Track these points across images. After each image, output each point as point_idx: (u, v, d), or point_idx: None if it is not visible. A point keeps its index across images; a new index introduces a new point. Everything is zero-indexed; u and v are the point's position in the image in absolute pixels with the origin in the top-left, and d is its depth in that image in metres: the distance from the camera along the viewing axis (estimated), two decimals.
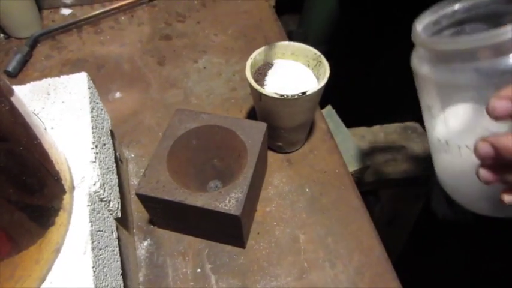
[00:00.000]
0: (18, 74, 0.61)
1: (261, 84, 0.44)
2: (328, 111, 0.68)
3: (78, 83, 0.38)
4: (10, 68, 0.59)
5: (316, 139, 0.52)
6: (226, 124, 0.41)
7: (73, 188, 0.31)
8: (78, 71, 0.61)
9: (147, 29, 0.68)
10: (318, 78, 0.45)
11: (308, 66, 0.46)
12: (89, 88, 0.38)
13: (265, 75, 0.46)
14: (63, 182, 0.30)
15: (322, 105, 0.66)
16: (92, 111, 0.37)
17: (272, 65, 0.46)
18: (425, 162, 0.69)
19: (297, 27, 1.26)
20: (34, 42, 0.64)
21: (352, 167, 0.59)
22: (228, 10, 0.71)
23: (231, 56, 0.63)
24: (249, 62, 0.43)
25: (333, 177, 0.48)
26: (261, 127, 0.41)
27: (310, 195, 0.47)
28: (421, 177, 0.69)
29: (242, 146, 0.40)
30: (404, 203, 0.71)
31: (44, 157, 0.29)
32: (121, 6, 0.70)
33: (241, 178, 0.37)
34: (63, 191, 0.30)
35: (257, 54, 0.45)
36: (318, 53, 0.44)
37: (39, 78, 0.60)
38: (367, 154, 0.64)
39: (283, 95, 0.40)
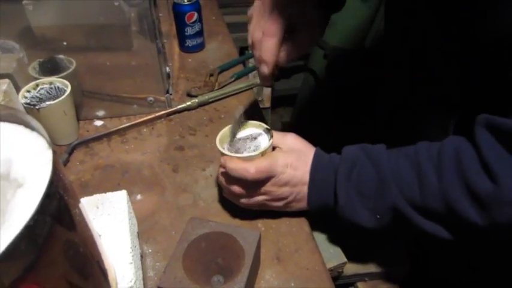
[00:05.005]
0: None
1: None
2: None
3: (120, 198, 0.51)
4: None
5: (301, 240, 0.64)
6: (229, 231, 0.53)
7: (116, 284, 0.42)
8: (107, 174, 0.75)
9: (164, 140, 0.83)
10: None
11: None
12: (127, 202, 0.51)
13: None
14: (109, 279, 0.41)
15: None
16: (129, 221, 0.49)
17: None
18: (401, 255, 0.79)
19: (290, 119, 1.60)
20: (72, 150, 0.78)
21: (332, 263, 0.69)
22: None
23: None
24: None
25: (314, 274, 0.59)
26: (255, 235, 0.53)
27: None
28: (398, 269, 0.79)
29: (240, 249, 0.52)
30: None
31: (98, 258, 0.41)
32: (144, 120, 0.86)
33: (240, 276, 0.48)
34: (110, 287, 0.41)
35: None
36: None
37: (75, 180, 0.73)
38: (345, 251, 0.75)
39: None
